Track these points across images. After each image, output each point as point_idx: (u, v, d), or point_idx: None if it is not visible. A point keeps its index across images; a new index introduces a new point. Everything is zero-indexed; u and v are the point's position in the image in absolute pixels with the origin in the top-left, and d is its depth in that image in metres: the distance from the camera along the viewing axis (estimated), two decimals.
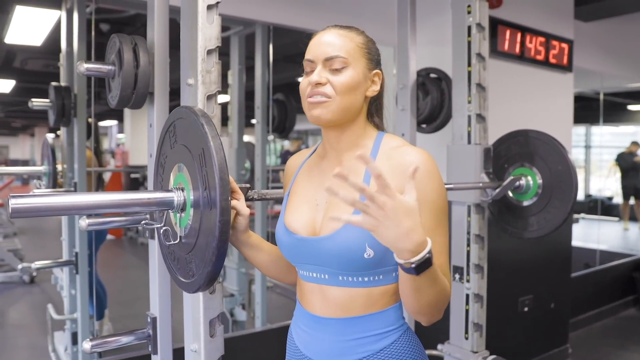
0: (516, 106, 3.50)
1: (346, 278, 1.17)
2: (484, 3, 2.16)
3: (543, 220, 2.19)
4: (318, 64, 1.21)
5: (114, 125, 11.37)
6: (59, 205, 1.10)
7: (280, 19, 2.94)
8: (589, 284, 4.77)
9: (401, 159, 1.18)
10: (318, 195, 1.26)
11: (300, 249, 1.22)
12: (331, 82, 1.19)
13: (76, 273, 2.94)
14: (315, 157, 1.35)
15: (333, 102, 1.19)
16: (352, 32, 1.24)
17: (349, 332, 1.19)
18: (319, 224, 1.22)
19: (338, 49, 1.20)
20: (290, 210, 1.28)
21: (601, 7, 3.97)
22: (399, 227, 0.92)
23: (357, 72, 1.21)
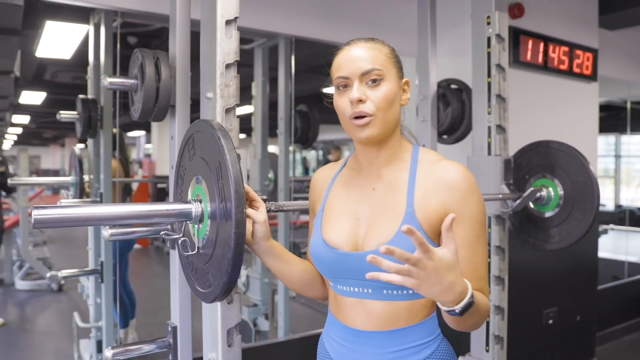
0: (540, 116, 3.46)
1: (391, 291, 1.19)
2: (503, 14, 2.16)
3: (565, 232, 2.17)
4: (354, 79, 1.20)
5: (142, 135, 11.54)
6: (80, 217, 1.13)
7: (303, 32, 2.97)
8: (617, 296, 4.68)
9: (443, 174, 1.20)
10: (358, 210, 1.26)
11: (342, 264, 1.22)
12: (370, 98, 1.18)
13: (101, 282, 3.00)
14: (349, 171, 1.35)
15: (376, 119, 1.19)
16: (378, 43, 1.24)
17: (391, 344, 1.20)
18: (361, 239, 1.23)
19: (372, 62, 1.19)
20: (328, 225, 1.28)
21: (627, 15, 3.91)
22: (442, 283, 0.97)
23: (392, 83, 1.21)
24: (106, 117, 2.99)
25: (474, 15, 2.23)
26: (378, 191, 1.25)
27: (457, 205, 1.17)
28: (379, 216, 1.21)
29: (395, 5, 3.25)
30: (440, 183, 1.19)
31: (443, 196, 1.17)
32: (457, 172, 1.19)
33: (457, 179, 1.18)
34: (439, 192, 1.18)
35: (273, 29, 2.88)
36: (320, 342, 1.38)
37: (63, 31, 3.89)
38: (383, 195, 1.24)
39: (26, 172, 6.63)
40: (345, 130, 1.25)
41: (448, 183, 1.18)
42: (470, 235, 1.18)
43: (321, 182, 1.40)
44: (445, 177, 1.19)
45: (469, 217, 1.17)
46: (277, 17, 2.83)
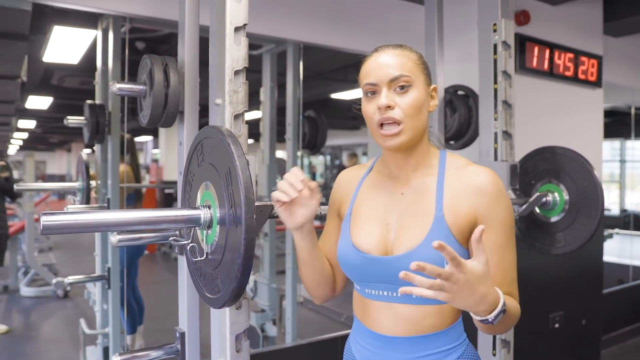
0: (546, 122, 3.47)
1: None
2: (509, 21, 2.16)
3: (570, 237, 2.17)
4: (382, 86, 1.20)
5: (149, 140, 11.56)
6: (88, 223, 1.14)
7: (311, 38, 2.98)
8: (622, 300, 4.68)
9: (472, 178, 1.21)
10: (387, 215, 1.26)
11: (372, 267, 1.23)
12: (399, 105, 1.19)
13: (108, 288, 3.00)
14: (377, 175, 1.35)
15: (405, 127, 1.19)
16: (406, 50, 1.24)
17: (418, 349, 1.21)
18: (390, 243, 1.23)
19: (400, 68, 1.19)
20: (357, 230, 1.28)
21: (631, 22, 3.92)
22: (474, 295, 1.00)
23: (420, 89, 1.21)
24: (114, 123, 3.00)
25: (480, 22, 2.23)
26: (407, 196, 1.26)
27: (487, 211, 1.18)
28: (408, 221, 1.22)
29: (403, 12, 3.27)
30: (469, 188, 1.20)
31: (472, 201, 1.19)
32: (485, 177, 1.20)
33: (486, 184, 1.19)
34: (468, 197, 1.19)
35: (281, 35, 2.90)
36: (347, 344, 1.38)
37: (71, 36, 3.91)
38: (412, 200, 1.24)
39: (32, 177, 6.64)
40: (373, 137, 1.25)
41: (477, 188, 1.19)
42: (500, 239, 1.19)
43: (347, 183, 1.39)
44: (474, 182, 1.20)
45: (498, 222, 1.18)
46: (285, 23, 2.85)
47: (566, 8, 3.56)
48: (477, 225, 1.16)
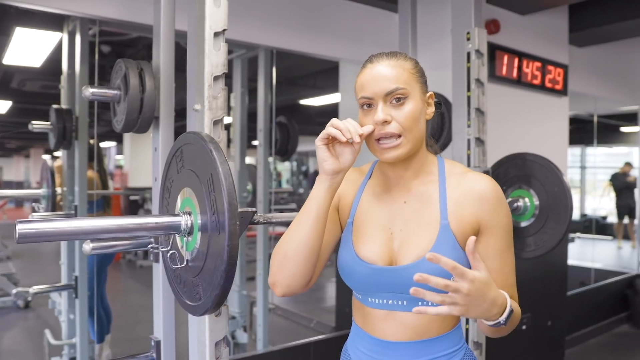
0: (514, 129, 3.54)
1: (425, 303, 1.16)
2: (482, 30, 2.20)
3: (540, 241, 2.21)
4: (378, 100, 1.18)
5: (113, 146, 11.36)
6: (68, 230, 1.12)
7: (283, 43, 2.97)
8: (585, 301, 4.80)
9: (473, 186, 1.22)
10: (390, 224, 1.25)
11: (377, 278, 1.22)
12: (395, 118, 1.17)
13: (75, 297, 2.93)
14: (376, 184, 1.33)
15: (403, 139, 1.18)
16: (401, 59, 1.22)
17: (421, 354, 1.21)
18: (395, 252, 1.23)
19: (395, 81, 1.18)
20: (361, 240, 1.27)
21: (595, 33, 4.05)
22: (486, 301, 1.02)
23: (416, 100, 1.20)
24: (81, 128, 2.94)
25: (454, 31, 2.27)
26: (409, 204, 1.25)
27: (489, 217, 1.20)
28: (413, 230, 1.22)
29: (376, 19, 3.29)
30: (470, 195, 1.21)
31: (474, 208, 1.20)
32: (486, 184, 1.21)
33: (487, 191, 1.20)
34: (471, 204, 1.20)
35: (254, 40, 2.88)
36: (344, 350, 1.37)
37: (34, 38, 3.81)
38: (415, 209, 1.24)
39: None
40: (370, 150, 1.24)
41: (479, 195, 1.20)
42: (502, 245, 1.21)
43: (351, 183, 1.36)
44: (475, 189, 1.21)
45: (499, 227, 1.20)
46: (257, 28, 2.83)
47: (534, 18, 3.64)
48: (480, 231, 1.20)
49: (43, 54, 4.23)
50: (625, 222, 8.87)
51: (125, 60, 1.67)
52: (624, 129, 8.64)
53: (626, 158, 9.14)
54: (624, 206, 8.59)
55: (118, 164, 10.46)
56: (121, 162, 10.18)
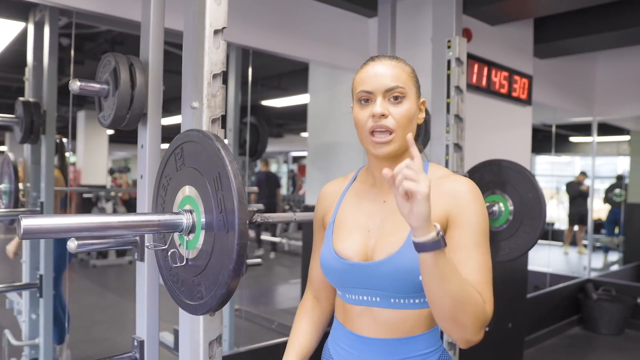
0: (481, 136, 3.62)
1: (398, 300, 1.22)
2: (463, 39, 2.26)
3: (514, 244, 2.28)
4: (377, 95, 1.23)
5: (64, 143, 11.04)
6: (71, 227, 1.09)
7: (255, 43, 2.95)
8: (541, 304, 4.97)
9: (450, 186, 1.24)
10: (369, 222, 1.29)
11: (352, 274, 1.25)
12: (392, 114, 1.22)
13: (40, 296, 2.84)
14: (360, 184, 1.37)
15: (396, 136, 1.22)
16: (401, 62, 1.28)
17: (397, 352, 1.23)
18: (371, 249, 1.25)
19: (396, 80, 1.23)
20: (339, 237, 1.30)
21: (555, 46, 4.20)
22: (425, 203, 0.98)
23: (412, 101, 1.25)
24: (49, 122, 2.85)
25: (434, 39, 2.31)
26: (388, 204, 1.29)
27: (457, 211, 1.21)
28: (389, 228, 1.25)
29: (350, 23, 3.32)
30: (445, 193, 1.23)
31: (446, 204, 1.21)
32: (463, 184, 1.24)
33: (462, 190, 1.23)
34: (443, 201, 1.22)
35: (226, 38, 2.85)
36: (325, 347, 1.40)
37: None
38: (393, 208, 1.26)
39: None
40: (362, 143, 1.28)
41: (452, 193, 1.23)
42: (467, 239, 1.19)
43: (331, 195, 1.42)
44: (450, 188, 1.24)
45: (467, 222, 1.20)
46: (231, 27, 2.80)
47: (503, 29, 3.75)
48: (448, 226, 1.21)
49: (2, 44, 4.08)
50: (575, 229, 9.20)
51: (114, 54, 1.63)
52: (572, 139, 8.97)
53: (571, 167, 9.49)
54: (576, 214, 8.89)
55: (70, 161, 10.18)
56: (72, 158, 9.92)
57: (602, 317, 5.21)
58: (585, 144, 6.17)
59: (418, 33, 3.16)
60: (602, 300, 5.34)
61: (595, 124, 5.89)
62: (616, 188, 8.66)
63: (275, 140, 12.16)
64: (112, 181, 10.89)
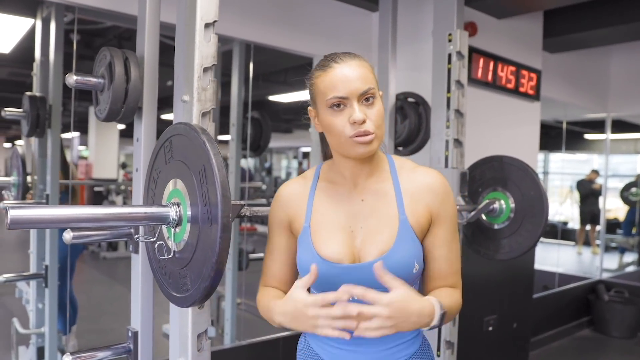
0: (487, 132, 3.59)
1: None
2: (464, 32, 2.24)
3: (515, 243, 2.26)
4: (352, 100, 1.19)
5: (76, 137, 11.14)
6: (60, 217, 1.10)
7: (259, 38, 2.96)
8: (549, 305, 4.90)
9: (424, 180, 1.30)
10: (350, 222, 1.29)
11: (342, 277, 1.23)
12: (369, 117, 1.20)
13: (45, 286, 2.88)
14: (329, 184, 1.34)
15: (377, 135, 1.22)
16: (362, 60, 1.26)
17: (388, 340, 1.28)
18: (357, 250, 1.26)
19: (366, 81, 1.21)
20: (321, 241, 1.28)
21: (567, 40, 4.13)
22: (412, 316, 1.10)
23: (379, 99, 1.24)
24: (54, 116, 2.89)
25: (435, 32, 2.30)
26: (367, 202, 1.29)
27: (439, 208, 1.28)
28: (374, 226, 1.26)
29: (353, 17, 3.30)
30: (423, 189, 1.28)
31: (427, 200, 1.28)
32: (435, 178, 1.30)
33: (437, 185, 1.29)
34: (424, 197, 1.28)
35: (229, 33, 2.86)
36: (303, 343, 1.41)
37: (4, 23, 3.72)
38: (374, 206, 1.28)
39: None
40: (337, 148, 1.26)
41: (430, 188, 1.28)
42: (448, 234, 1.29)
43: (295, 198, 1.36)
44: (426, 182, 1.29)
45: (447, 217, 1.29)
46: (233, 22, 2.81)
47: (510, 22, 3.70)
48: (432, 222, 1.27)
49: (13, 39, 4.13)
50: (587, 228, 9.07)
51: (110, 48, 1.65)
52: (587, 136, 8.85)
53: (587, 165, 9.35)
54: (588, 212, 8.76)
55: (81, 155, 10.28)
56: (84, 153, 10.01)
57: (614, 319, 5.12)
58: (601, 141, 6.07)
59: (420, 27, 3.14)
60: (614, 302, 5.24)
61: (609, 120, 5.78)
62: (632, 187, 8.53)
63: (284, 135, 12.12)
64: (124, 175, 10.99)
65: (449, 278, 1.30)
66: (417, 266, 1.25)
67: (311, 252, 1.28)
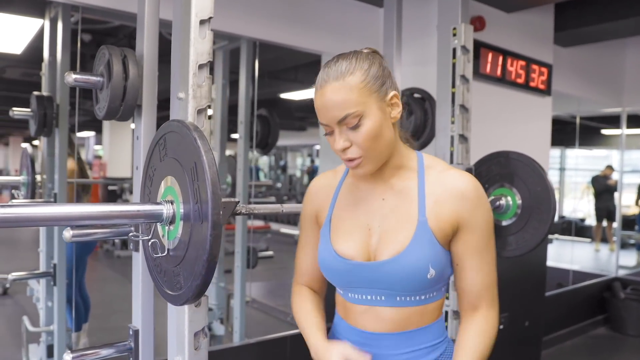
0: (496, 127, 3.55)
1: (404, 298, 1.20)
2: (469, 26, 2.20)
3: (521, 240, 2.22)
4: (333, 127, 1.17)
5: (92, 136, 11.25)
6: (47, 216, 1.10)
7: (266, 35, 2.95)
8: (562, 303, 4.84)
9: (454, 183, 1.22)
10: (369, 220, 1.26)
11: (355, 274, 1.23)
12: (354, 141, 1.16)
13: (53, 285, 2.91)
14: (353, 180, 1.33)
15: (364, 159, 1.18)
16: (347, 77, 1.15)
17: (402, 345, 1.23)
18: (373, 248, 1.23)
19: (344, 108, 1.14)
20: (338, 236, 1.28)
21: (580, 33, 4.07)
22: None
23: (373, 114, 1.16)
24: (62, 115, 2.91)
25: (440, 27, 2.27)
26: (388, 201, 1.26)
27: (468, 215, 1.20)
28: (392, 226, 1.22)
29: (360, 13, 3.28)
30: (451, 192, 1.21)
31: (455, 206, 1.20)
32: (467, 182, 1.21)
33: (468, 189, 1.21)
34: (451, 201, 1.20)
35: (236, 31, 2.85)
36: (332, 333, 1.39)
37: (15, 24, 3.75)
38: (394, 205, 1.24)
39: None
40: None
41: (459, 193, 1.20)
42: (480, 243, 1.21)
43: (323, 191, 1.37)
44: (456, 186, 1.21)
45: (479, 226, 1.21)
46: (240, 19, 2.81)
47: (520, 16, 3.65)
48: (459, 229, 1.20)
49: (24, 40, 4.16)
50: (604, 225, 8.96)
51: (108, 46, 1.64)
52: (604, 132, 8.73)
53: (606, 161, 9.23)
54: (603, 209, 8.67)
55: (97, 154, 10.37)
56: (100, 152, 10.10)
57: (630, 317, 5.03)
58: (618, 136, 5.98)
59: (426, 22, 3.11)
60: (630, 299, 5.14)
61: (625, 115, 5.70)
62: None
63: (298, 133, 12.15)
64: None
65: (483, 294, 1.23)
66: (434, 272, 1.18)
67: (328, 248, 1.28)
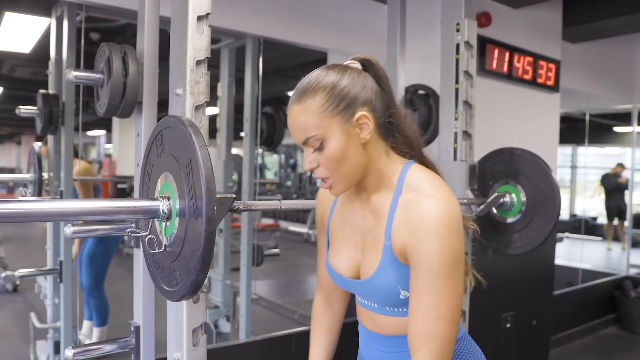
0: (503, 124, 3.53)
1: (392, 309, 1.24)
2: (472, 22, 2.19)
3: (526, 238, 2.20)
4: (302, 146, 1.19)
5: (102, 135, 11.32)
6: (45, 211, 1.10)
7: (271, 33, 2.95)
8: (571, 302, 4.79)
9: (414, 211, 1.11)
10: (355, 236, 1.29)
11: (348, 287, 1.32)
12: (321, 162, 1.17)
13: (60, 281, 2.93)
14: (348, 194, 1.33)
15: (333, 180, 1.19)
16: (308, 99, 1.14)
17: (396, 345, 1.27)
18: (358, 264, 1.28)
19: (305, 131, 1.14)
20: (333, 250, 1.34)
21: (589, 28, 4.02)
22: None
23: (336, 137, 1.14)
24: (67, 113, 2.92)
25: (443, 22, 2.25)
26: (367, 219, 1.26)
27: (413, 250, 1.10)
28: (368, 245, 1.24)
29: (365, 10, 3.27)
30: (407, 221, 1.12)
31: (405, 236, 1.12)
32: (426, 213, 1.08)
33: (423, 221, 1.08)
34: (404, 230, 1.12)
35: (241, 28, 2.86)
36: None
37: (23, 24, 3.78)
38: (370, 224, 1.25)
39: None
40: None
41: (412, 223, 1.10)
42: (420, 284, 1.08)
43: (325, 200, 1.42)
44: (413, 215, 1.10)
45: (422, 262, 1.08)
46: (245, 17, 2.81)
47: (527, 11, 3.62)
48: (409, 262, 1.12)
49: (32, 39, 4.19)
50: (615, 223, 8.88)
51: (108, 44, 1.65)
52: (616, 129, 8.65)
53: (618, 159, 9.14)
54: (614, 207, 8.60)
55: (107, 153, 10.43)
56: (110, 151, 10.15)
57: None
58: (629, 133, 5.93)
59: (430, 18, 3.09)
60: None
61: (636, 111, 5.63)
62: None
63: None
64: None
65: (417, 345, 1.08)
66: (406, 292, 1.15)
67: (327, 260, 1.36)
